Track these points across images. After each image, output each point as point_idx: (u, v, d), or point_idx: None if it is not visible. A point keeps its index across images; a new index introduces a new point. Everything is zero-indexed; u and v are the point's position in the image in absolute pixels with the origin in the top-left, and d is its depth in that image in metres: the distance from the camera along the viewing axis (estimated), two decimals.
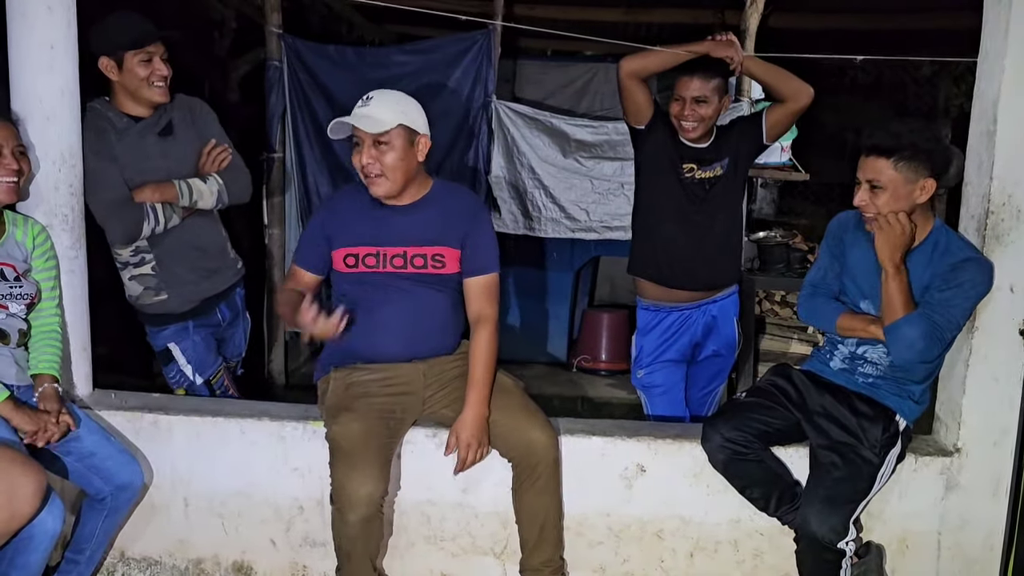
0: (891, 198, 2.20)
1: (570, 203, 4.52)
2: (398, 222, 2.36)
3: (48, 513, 2.08)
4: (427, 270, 2.37)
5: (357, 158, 2.29)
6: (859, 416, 2.34)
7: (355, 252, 2.36)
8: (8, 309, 2.23)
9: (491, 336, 2.38)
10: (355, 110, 2.28)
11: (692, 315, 2.98)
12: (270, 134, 4.55)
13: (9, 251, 2.27)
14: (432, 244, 2.37)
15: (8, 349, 2.26)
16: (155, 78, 2.57)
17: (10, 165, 2.15)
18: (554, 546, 2.41)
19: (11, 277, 2.24)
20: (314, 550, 2.53)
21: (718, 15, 4.91)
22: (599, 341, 5.41)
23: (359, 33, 6.26)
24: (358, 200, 2.40)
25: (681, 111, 2.81)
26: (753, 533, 2.52)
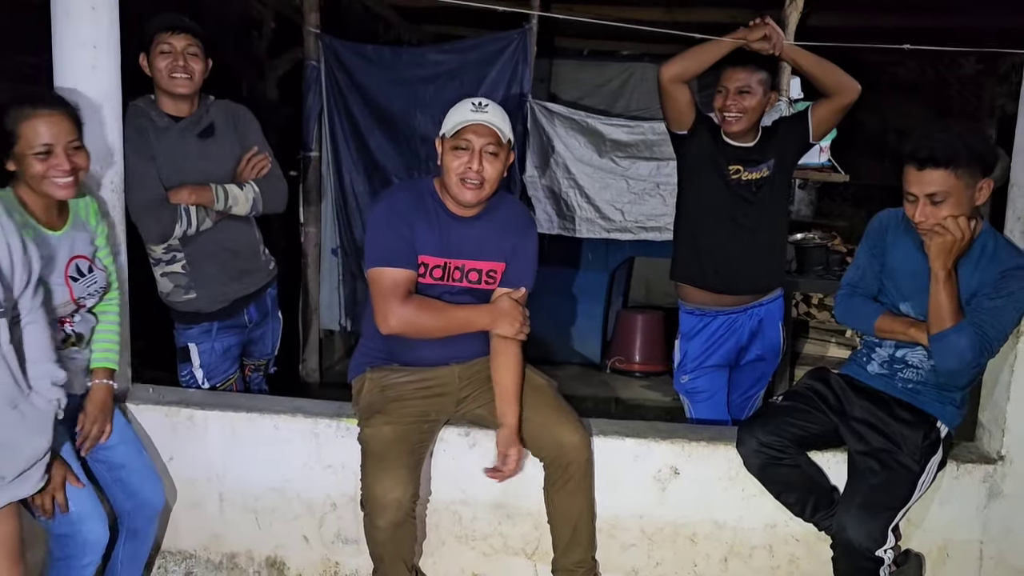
0: (954, 207, 2.11)
1: (605, 203, 4.50)
2: (462, 234, 2.32)
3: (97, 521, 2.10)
4: (480, 285, 2.35)
5: (460, 161, 2.21)
6: (899, 422, 2.29)
7: (427, 261, 2.29)
8: (86, 306, 2.17)
9: (519, 348, 2.37)
10: (472, 114, 2.22)
11: (738, 319, 2.92)
12: (307, 133, 4.59)
13: (78, 239, 2.16)
14: (488, 259, 2.34)
15: (81, 352, 2.20)
16: (174, 69, 2.56)
17: (61, 165, 2.00)
18: (586, 547, 2.39)
19: (85, 270, 2.14)
20: (346, 547, 2.54)
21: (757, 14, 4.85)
22: (633, 342, 5.38)
23: (396, 32, 6.30)
24: (426, 204, 2.32)
25: (724, 102, 2.73)
26: (789, 539, 2.48)
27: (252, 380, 3.04)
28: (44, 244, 2.02)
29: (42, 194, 2.04)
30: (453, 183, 2.24)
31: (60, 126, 2.01)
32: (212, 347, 2.80)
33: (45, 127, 1.98)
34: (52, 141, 1.99)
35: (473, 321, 2.31)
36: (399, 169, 4.57)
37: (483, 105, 2.25)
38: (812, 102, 2.86)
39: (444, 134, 2.27)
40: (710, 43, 2.72)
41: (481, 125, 2.21)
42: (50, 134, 1.99)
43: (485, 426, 2.45)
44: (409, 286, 2.25)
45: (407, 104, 4.41)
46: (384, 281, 2.23)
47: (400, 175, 4.53)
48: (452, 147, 2.23)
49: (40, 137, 1.98)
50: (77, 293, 2.10)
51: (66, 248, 2.11)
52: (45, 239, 2.05)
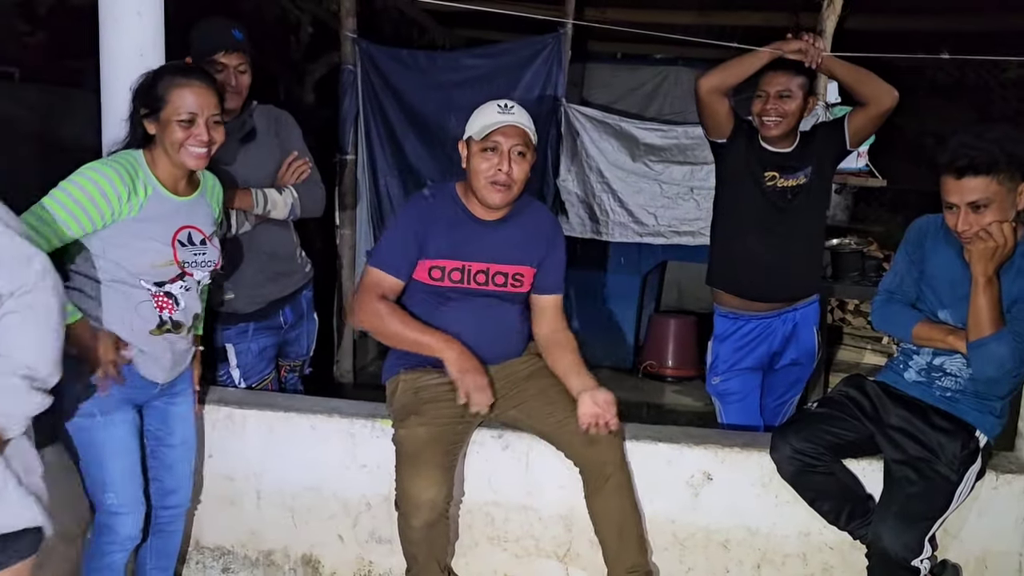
0: (996, 212, 2.08)
1: (638, 207, 4.50)
2: (485, 237, 2.34)
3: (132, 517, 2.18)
4: (506, 288, 2.37)
5: (488, 163, 2.24)
6: (936, 431, 2.26)
7: (442, 265, 2.32)
8: (193, 276, 2.19)
9: (571, 339, 2.47)
10: (499, 116, 2.24)
11: (772, 324, 2.91)
12: (343, 136, 4.64)
13: (199, 211, 2.22)
14: (515, 263, 2.37)
15: (182, 338, 2.24)
16: (226, 89, 2.57)
17: (201, 136, 2.08)
18: (637, 550, 2.33)
19: (198, 241, 2.19)
20: (380, 546, 2.57)
21: (793, 17, 4.82)
22: (666, 347, 5.36)
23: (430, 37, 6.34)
24: (447, 209, 2.35)
25: (763, 107, 2.73)
26: (823, 547, 2.46)
27: (288, 381, 3.09)
28: (159, 203, 2.11)
29: (175, 162, 2.11)
30: (481, 186, 2.26)
31: (206, 99, 2.10)
32: (248, 347, 2.85)
33: (193, 97, 2.08)
34: (197, 111, 2.08)
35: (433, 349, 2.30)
36: (433, 172, 4.60)
37: (509, 107, 2.27)
38: (850, 109, 2.84)
39: (471, 137, 2.28)
40: (747, 55, 2.73)
41: (510, 127, 2.24)
42: (197, 104, 2.08)
43: (518, 428, 2.47)
44: (390, 291, 2.34)
45: (441, 108, 4.45)
46: (370, 278, 2.35)
47: (434, 178, 4.56)
48: (480, 149, 2.25)
49: (187, 106, 2.07)
50: (181, 257, 2.15)
51: (183, 215, 2.17)
52: (162, 199, 2.12)
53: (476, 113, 2.31)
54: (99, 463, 2.15)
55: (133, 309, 2.12)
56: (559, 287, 2.47)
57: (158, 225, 2.11)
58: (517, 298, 2.42)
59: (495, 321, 2.41)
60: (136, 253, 2.09)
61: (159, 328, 2.17)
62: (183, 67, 2.17)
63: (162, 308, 2.16)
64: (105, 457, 2.15)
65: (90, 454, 2.15)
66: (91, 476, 2.17)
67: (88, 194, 2.00)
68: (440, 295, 2.35)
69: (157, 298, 2.14)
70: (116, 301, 2.10)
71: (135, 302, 2.12)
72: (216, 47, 2.60)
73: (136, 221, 2.07)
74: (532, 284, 2.44)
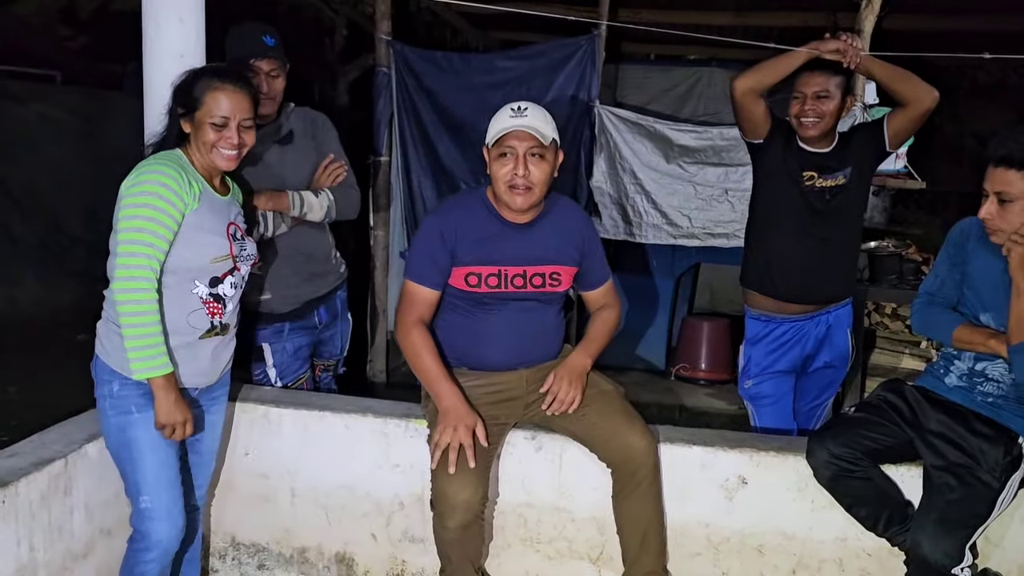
0: (1022, 211, 2.07)
1: (672, 209, 4.47)
2: (518, 240, 2.34)
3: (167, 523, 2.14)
4: (544, 288, 2.37)
5: (506, 168, 2.23)
6: (978, 437, 2.22)
7: (478, 271, 2.31)
8: (240, 271, 2.22)
9: (616, 313, 2.52)
10: (511, 120, 2.23)
11: (805, 326, 2.88)
12: (377, 138, 4.68)
13: (234, 208, 2.26)
14: (550, 263, 2.36)
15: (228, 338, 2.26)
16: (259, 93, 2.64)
17: (231, 139, 2.12)
18: (656, 555, 2.36)
19: (240, 236, 2.23)
20: (413, 545, 2.58)
21: (831, 18, 4.77)
22: (699, 350, 5.33)
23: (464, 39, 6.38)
24: (476, 214, 2.34)
25: (801, 108, 2.70)
26: (860, 553, 2.43)
27: (322, 380, 3.11)
28: (209, 198, 2.14)
29: (207, 162, 2.15)
30: (502, 191, 2.26)
31: (240, 103, 2.13)
32: (284, 347, 2.88)
33: (227, 101, 2.11)
34: (229, 115, 2.11)
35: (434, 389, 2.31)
36: (466, 174, 4.62)
37: (522, 109, 2.25)
38: (889, 110, 2.80)
39: (488, 143, 2.29)
40: (784, 55, 2.69)
41: (521, 130, 2.22)
42: (229, 108, 2.11)
43: (551, 429, 2.47)
44: (427, 303, 2.35)
45: (475, 110, 4.47)
46: (406, 291, 2.37)
47: (467, 180, 4.58)
48: (497, 155, 2.25)
49: (220, 109, 2.10)
50: (235, 251, 2.18)
51: (228, 211, 2.21)
52: (209, 194, 2.15)
53: (493, 119, 2.30)
54: (132, 462, 2.12)
55: (185, 318, 2.13)
56: (606, 275, 2.52)
57: (214, 219, 2.14)
58: (555, 298, 2.42)
59: (532, 326, 2.40)
60: (200, 247, 2.10)
61: (208, 332, 2.18)
62: (221, 70, 2.20)
63: (213, 314, 2.17)
64: (139, 456, 2.11)
65: (124, 453, 2.13)
66: (126, 477, 2.15)
67: (162, 196, 2.01)
68: (477, 301, 2.35)
69: (208, 304, 2.15)
70: (169, 308, 2.09)
71: (188, 311, 2.12)
72: (249, 53, 2.63)
73: (196, 215, 2.08)
74: (579, 282, 2.46)
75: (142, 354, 2.01)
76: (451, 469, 2.19)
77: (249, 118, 2.16)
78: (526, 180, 2.23)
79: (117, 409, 2.11)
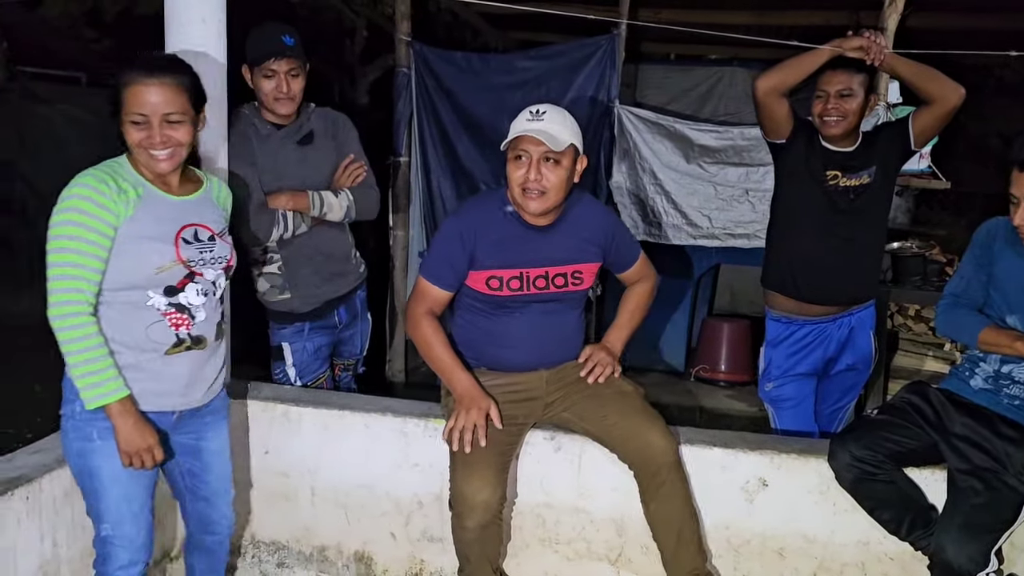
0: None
1: (692, 209, 4.45)
2: (539, 241, 2.31)
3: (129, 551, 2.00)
4: (567, 288, 2.36)
5: (520, 171, 2.21)
6: (1003, 440, 2.19)
7: (500, 275, 2.29)
8: (205, 276, 1.99)
9: (649, 287, 2.57)
10: (527, 123, 2.21)
11: (827, 329, 2.85)
12: (397, 138, 4.69)
13: (204, 210, 2.05)
14: (572, 262, 2.35)
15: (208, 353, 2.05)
16: (276, 94, 2.66)
17: (153, 137, 1.88)
18: (695, 553, 2.31)
19: (204, 237, 2.00)
20: (432, 545, 2.58)
21: (853, 16, 4.73)
22: (718, 351, 5.30)
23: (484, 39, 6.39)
24: (496, 217, 2.31)
25: (824, 107, 2.67)
26: (883, 557, 2.40)
27: (342, 380, 3.13)
28: (154, 203, 1.94)
29: (144, 163, 1.94)
30: (517, 194, 2.24)
31: (160, 96, 1.87)
32: (304, 346, 2.90)
33: (143, 96, 1.87)
34: (148, 112, 1.87)
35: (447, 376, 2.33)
36: (486, 174, 4.62)
37: (540, 113, 2.22)
38: (914, 108, 2.77)
39: (503, 146, 2.26)
40: (806, 54, 2.66)
41: (534, 135, 2.18)
42: (148, 103, 1.87)
43: (570, 429, 2.46)
44: (437, 303, 2.35)
45: (495, 110, 4.47)
46: (419, 288, 2.37)
47: (487, 180, 4.59)
48: (512, 157, 2.23)
49: (136, 105, 1.87)
50: (186, 255, 1.95)
51: (187, 213, 2.00)
52: (156, 198, 1.95)
53: (514, 120, 2.28)
54: (94, 492, 1.95)
55: (143, 332, 1.94)
56: (636, 252, 2.53)
57: (157, 225, 1.93)
58: (577, 297, 2.42)
59: (553, 328, 2.40)
60: (139, 257, 1.90)
61: (177, 347, 1.98)
62: (142, 61, 1.91)
63: (177, 326, 1.97)
64: (100, 486, 1.94)
65: (85, 480, 1.96)
66: (87, 501, 1.98)
67: (84, 211, 1.83)
68: (499, 304, 2.34)
69: (169, 316, 1.95)
70: (122, 321, 1.92)
71: (145, 324, 1.93)
72: (268, 53, 2.64)
73: (133, 222, 1.89)
74: (611, 267, 2.49)
75: (89, 381, 1.85)
76: (466, 448, 2.21)
77: (176, 112, 1.89)
78: (539, 185, 2.20)
79: (78, 433, 1.93)
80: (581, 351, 2.49)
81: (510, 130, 2.26)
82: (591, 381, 2.39)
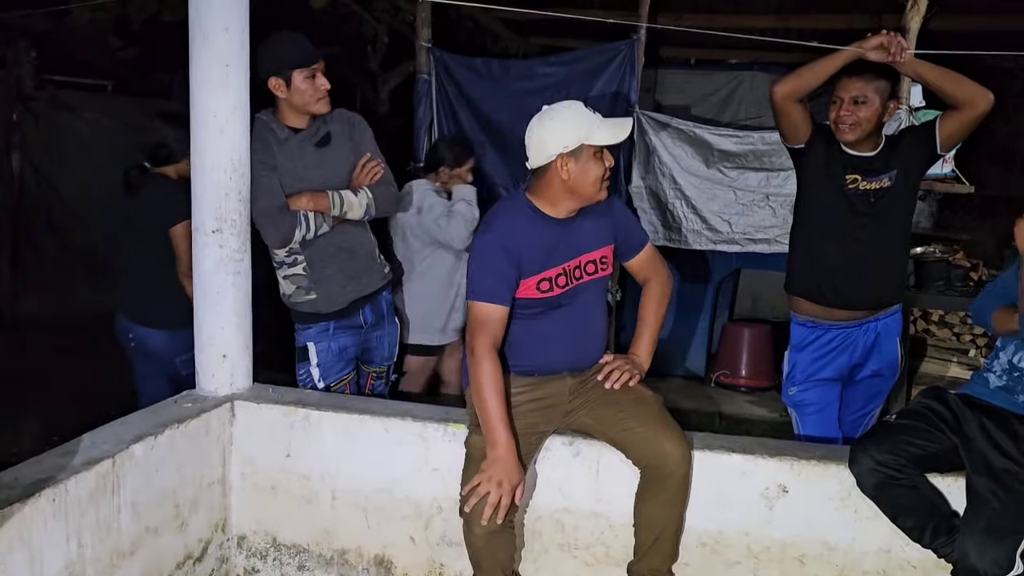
0: None
1: (712, 214, 4.44)
2: (567, 234, 2.34)
3: None
4: (597, 274, 2.39)
5: (604, 167, 2.27)
6: (1019, 441, 2.18)
7: (549, 276, 2.31)
8: None
9: (661, 287, 2.53)
10: (614, 118, 2.29)
11: (853, 333, 2.84)
12: (417, 144, 4.71)
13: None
14: (596, 248, 2.39)
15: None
16: (320, 93, 2.74)
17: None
18: (665, 557, 2.37)
19: None
20: (451, 549, 2.59)
21: (875, 19, 4.70)
22: (739, 356, 5.28)
23: (504, 45, 6.41)
24: (528, 222, 2.32)
25: (838, 113, 2.67)
26: (905, 565, 2.38)
27: (375, 388, 3.14)
28: None
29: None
30: (594, 191, 2.28)
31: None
32: (329, 346, 2.92)
33: None
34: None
35: (491, 436, 2.22)
36: (506, 179, 4.63)
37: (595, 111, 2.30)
38: (941, 113, 2.74)
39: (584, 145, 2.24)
40: (823, 59, 2.65)
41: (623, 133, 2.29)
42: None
43: (589, 435, 2.46)
44: (502, 323, 2.28)
45: (515, 116, 4.47)
46: (481, 314, 2.27)
47: (507, 185, 4.60)
48: (595, 152, 2.25)
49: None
50: None
51: None
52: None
53: (579, 119, 2.25)
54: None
55: None
56: (643, 238, 2.52)
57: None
58: (605, 284, 2.45)
59: (587, 318, 2.42)
60: None
61: None
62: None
63: None
64: None
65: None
66: None
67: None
68: (550, 305, 2.34)
69: None
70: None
71: None
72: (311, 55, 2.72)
73: None
74: (620, 253, 2.48)
75: None
76: (483, 522, 2.17)
77: None
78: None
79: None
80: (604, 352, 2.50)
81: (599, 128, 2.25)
82: (609, 386, 2.39)
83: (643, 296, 2.55)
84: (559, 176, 2.26)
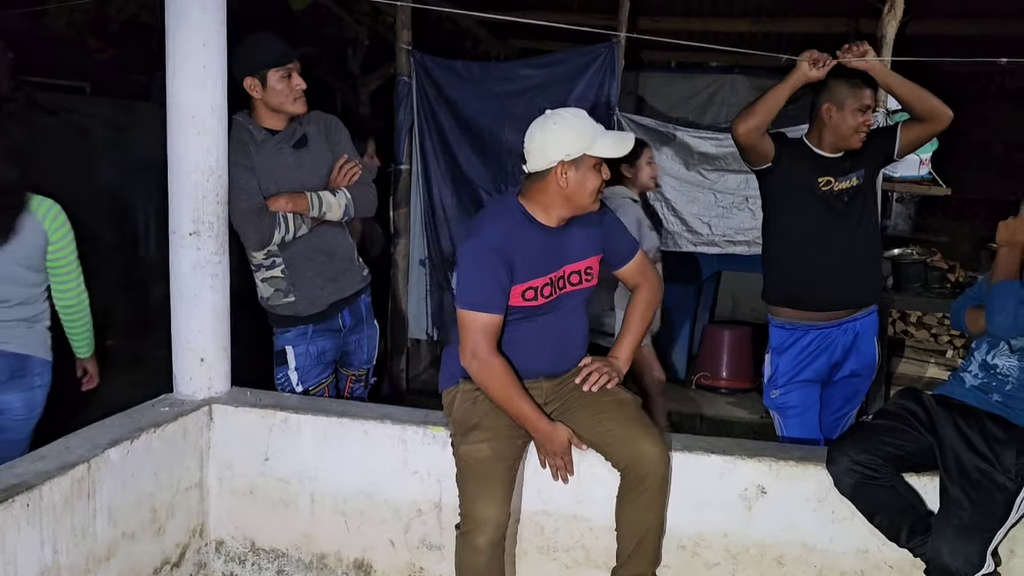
0: None
1: (692, 216, 4.47)
2: (555, 243, 2.31)
3: None
4: (580, 285, 2.37)
5: (600, 180, 2.26)
6: (991, 439, 2.21)
7: (534, 285, 2.28)
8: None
9: (649, 290, 2.49)
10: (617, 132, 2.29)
11: (832, 334, 2.86)
12: (398, 147, 4.71)
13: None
14: (582, 258, 2.36)
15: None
16: (296, 93, 2.73)
17: None
18: (648, 562, 2.36)
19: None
20: (431, 552, 2.58)
21: (852, 23, 4.74)
22: (720, 358, 5.30)
23: (484, 48, 6.41)
24: (518, 227, 2.28)
25: (859, 122, 2.72)
26: (882, 564, 2.40)
27: (354, 391, 3.12)
28: None
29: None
30: (591, 201, 2.27)
31: None
32: (307, 350, 2.91)
33: None
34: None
35: (529, 423, 2.28)
36: (487, 182, 4.64)
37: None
38: (905, 119, 2.81)
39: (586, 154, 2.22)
40: (772, 89, 2.71)
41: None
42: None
43: None
44: (497, 330, 2.26)
45: (496, 118, 4.48)
46: (477, 323, 2.23)
47: (488, 188, 4.60)
48: (595, 164, 2.24)
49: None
50: None
51: None
52: None
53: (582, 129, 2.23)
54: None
55: None
56: (633, 247, 2.48)
57: None
58: (587, 294, 2.43)
59: (568, 328, 2.41)
60: None
61: None
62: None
63: None
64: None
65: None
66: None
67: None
68: (529, 313, 2.32)
69: None
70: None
71: None
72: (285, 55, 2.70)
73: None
74: (608, 262, 2.44)
75: None
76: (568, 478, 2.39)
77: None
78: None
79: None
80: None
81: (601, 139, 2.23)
82: (586, 388, 2.38)
83: (631, 300, 2.53)
84: (557, 183, 2.22)
